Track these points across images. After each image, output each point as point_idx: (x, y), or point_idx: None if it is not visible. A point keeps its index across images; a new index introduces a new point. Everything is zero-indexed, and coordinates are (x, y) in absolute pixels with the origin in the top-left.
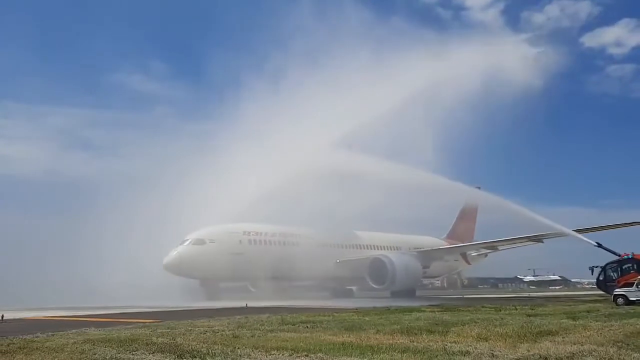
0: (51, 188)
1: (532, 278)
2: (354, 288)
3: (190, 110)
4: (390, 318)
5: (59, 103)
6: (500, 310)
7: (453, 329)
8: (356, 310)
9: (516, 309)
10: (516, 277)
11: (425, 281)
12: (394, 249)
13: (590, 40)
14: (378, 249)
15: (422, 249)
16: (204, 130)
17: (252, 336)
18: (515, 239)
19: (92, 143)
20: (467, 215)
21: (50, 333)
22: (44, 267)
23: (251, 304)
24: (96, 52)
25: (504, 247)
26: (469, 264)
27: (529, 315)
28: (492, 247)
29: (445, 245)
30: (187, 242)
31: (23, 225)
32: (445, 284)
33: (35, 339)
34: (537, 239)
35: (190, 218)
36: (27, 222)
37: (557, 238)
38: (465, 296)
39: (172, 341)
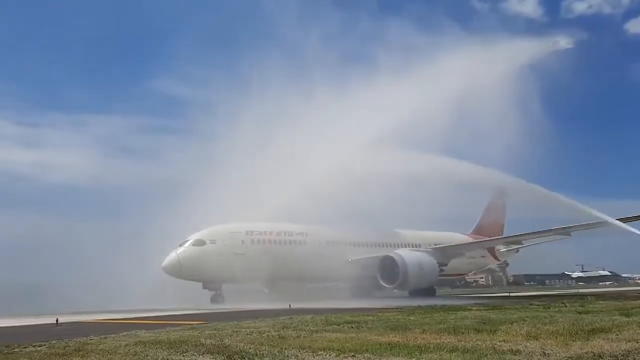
0: (95, 194)
1: (580, 274)
2: (374, 288)
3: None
4: (436, 317)
5: (101, 111)
6: (549, 308)
7: (501, 327)
8: (400, 310)
9: (566, 306)
10: (564, 273)
11: (469, 279)
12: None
13: (636, 26)
14: (414, 247)
15: (439, 246)
16: (240, 132)
17: (297, 337)
18: (541, 232)
19: (132, 149)
20: (495, 209)
21: (103, 336)
22: (92, 271)
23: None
24: (135, 60)
25: (531, 243)
26: (498, 260)
27: (580, 313)
28: (516, 241)
29: (470, 241)
30: (187, 243)
31: (71, 231)
32: (490, 282)
33: (89, 341)
34: (565, 232)
35: (231, 219)
36: (75, 227)
37: (603, 231)
38: (511, 294)
39: (220, 342)
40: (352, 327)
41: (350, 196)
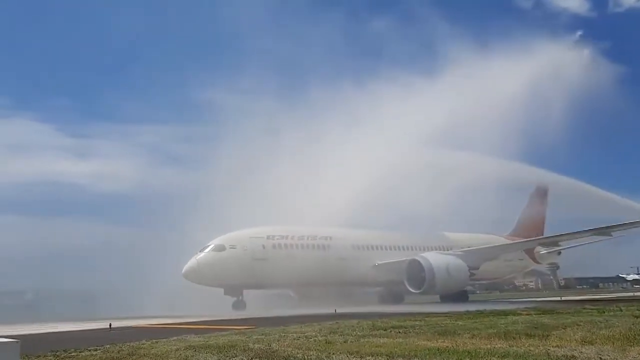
0: (142, 202)
1: (636, 276)
2: (403, 293)
3: (273, 119)
4: (485, 322)
5: (148, 121)
6: (604, 312)
7: (554, 332)
8: (447, 315)
9: (621, 310)
10: (618, 275)
11: (518, 283)
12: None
13: None
14: (444, 250)
15: (468, 249)
16: (290, 137)
17: (345, 342)
18: (579, 233)
19: (177, 158)
20: (534, 209)
21: (154, 340)
22: (141, 277)
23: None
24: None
25: (572, 244)
26: (537, 263)
27: (637, 317)
28: (552, 243)
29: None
30: (208, 249)
31: (119, 238)
32: (540, 285)
33: (142, 345)
34: (605, 232)
35: (273, 224)
36: (122, 234)
37: None
38: (562, 298)
39: (268, 347)
40: (399, 332)
41: (395, 198)
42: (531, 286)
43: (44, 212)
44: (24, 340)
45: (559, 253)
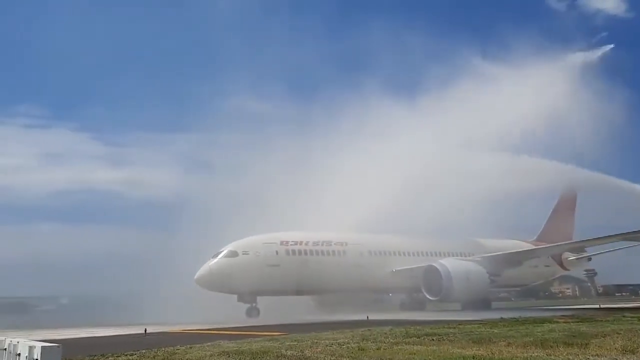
0: (176, 209)
1: None
2: (425, 300)
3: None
4: (521, 330)
5: (182, 129)
6: None
7: (593, 341)
8: (481, 322)
9: None
10: None
11: (554, 290)
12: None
13: None
14: (465, 255)
15: (488, 255)
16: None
17: (377, 349)
18: (607, 238)
19: (212, 165)
20: (562, 213)
21: (188, 345)
22: (173, 283)
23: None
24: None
25: (603, 250)
26: (566, 269)
27: None
28: (578, 248)
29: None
30: (220, 255)
31: (154, 244)
32: (577, 293)
33: (176, 351)
34: (635, 236)
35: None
36: (158, 240)
37: None
38: (601, 305)
39: (301, 354)
40: (432, 339)
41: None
42: (568, 293)
43: (80, 220)
44: (63, 345)
45: (589, 259)
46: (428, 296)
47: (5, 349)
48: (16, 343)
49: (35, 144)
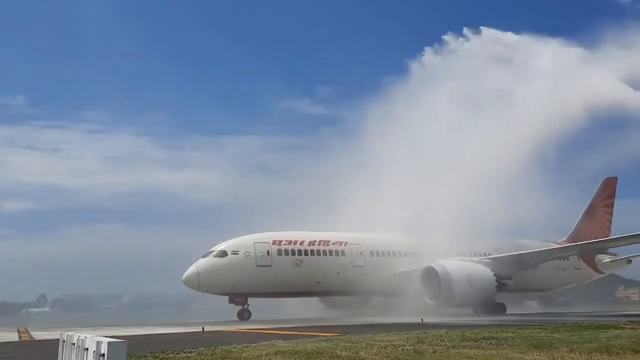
0: (232, 210)
1: None
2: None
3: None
4: (584, 335)
5: (237, 132)
6: None
7: None
8: (541, 326)
9: None
10: None
11: (619, 295)
12: None
13: None
14: (480, 255)
15: (495, 256)
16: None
17: (434, 352)
18: (633, 237)
19: (266, 167)
20: (598, 210)
21: (244, 344)
22: None
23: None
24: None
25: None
26: (600, 272)
27: None
28: (599, 249)
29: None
30: (209, 255)
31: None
32: None
33: (233, 349)
34: None
35: (363, 232)
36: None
37: None
38: None
39: (356, 355)
40: (491, 343)
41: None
42: (634, 298)
43: (141, 220)
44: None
45: (630, 261)
46: (427, 299)
47: (74, 344)
48: (84, 338)
49: (98, 148)
